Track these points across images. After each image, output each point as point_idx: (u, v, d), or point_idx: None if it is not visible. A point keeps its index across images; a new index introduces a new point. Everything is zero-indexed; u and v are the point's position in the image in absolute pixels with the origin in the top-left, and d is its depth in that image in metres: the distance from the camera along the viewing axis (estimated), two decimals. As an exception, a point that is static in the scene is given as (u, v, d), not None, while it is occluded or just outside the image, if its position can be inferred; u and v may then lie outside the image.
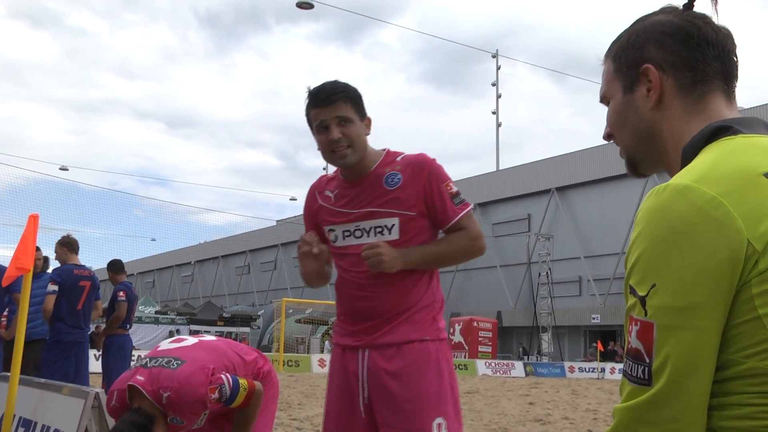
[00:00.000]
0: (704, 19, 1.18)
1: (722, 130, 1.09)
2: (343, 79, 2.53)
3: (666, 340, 0.97)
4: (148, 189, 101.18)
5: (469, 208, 2.54)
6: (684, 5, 1.20)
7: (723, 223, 0.95)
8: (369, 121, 2.56)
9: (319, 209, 2.65)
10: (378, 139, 2.56)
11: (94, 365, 8.48)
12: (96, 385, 5.06)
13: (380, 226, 2.49)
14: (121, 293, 7.92)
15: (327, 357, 25.07)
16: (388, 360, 2.46)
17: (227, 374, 3.33)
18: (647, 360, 0.99)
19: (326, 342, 30.37)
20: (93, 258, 52.46)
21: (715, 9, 1.19)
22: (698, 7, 1.20)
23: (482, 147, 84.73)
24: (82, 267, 7.20)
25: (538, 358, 34.08)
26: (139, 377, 3.24)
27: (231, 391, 3.28)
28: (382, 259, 2.39)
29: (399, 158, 2.55)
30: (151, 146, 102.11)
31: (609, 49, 1.27)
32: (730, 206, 0.95)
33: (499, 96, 44.51)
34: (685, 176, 1.01)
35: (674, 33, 1.17)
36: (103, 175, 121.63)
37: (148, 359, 3.40)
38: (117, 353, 7.80)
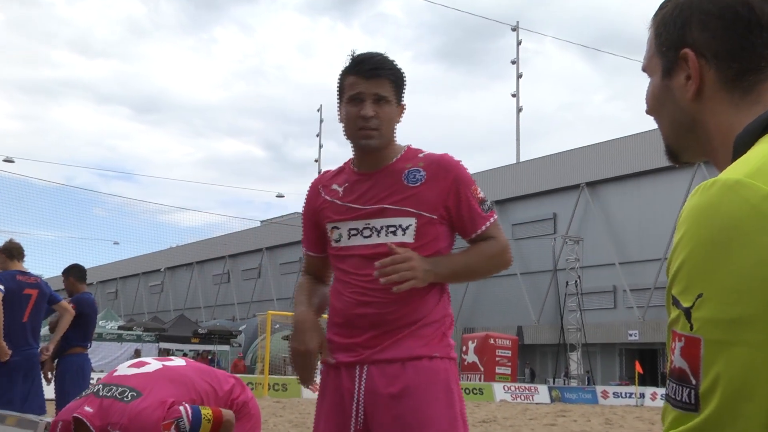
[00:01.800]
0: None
1: None
2: (341, 55, 2.62)
3: (716, 357, 0.95)
4: (110, 184, 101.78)
5: (496, 216, 2.63)
6: None
7: None
8: (403, 108, 2.64)
9: (322, 205, 2.68)
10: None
11: (47, 390, 8.48)
12: (51, 414, 5.06)
13: (393, 225, 2.54)
14: (71, 305, 7.89)
15: (318, 379, 25.09)
16: (390, 379, 2.48)
17: (186, 405, 3.32)
18: (694, 381, 0.98)
19: (318, 362, 30.34)
20: (44, 265, 52.52)
21: None
22: None
23: (501, 135, 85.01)
24: (28, 273, 7.19)
25: (566, 382, 34.10)
26: (87, 408, 3.25)
27: (191, 424, 3.28)
28: (416, 275, 2.42)
29: (421, 155, 2.62)
30: (115, 135, 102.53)
31: (655, 14, 1.27)
32: None
33: (519, 76, 44.59)
34: (736, 170, 1.01)
35: (721, 13, 1.16)
36: (57, 168, 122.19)
37: (100, 386, 3.40)
38: (75, 376, 7.76)
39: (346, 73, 2.59)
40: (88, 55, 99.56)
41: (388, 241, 2.50)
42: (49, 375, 7.65)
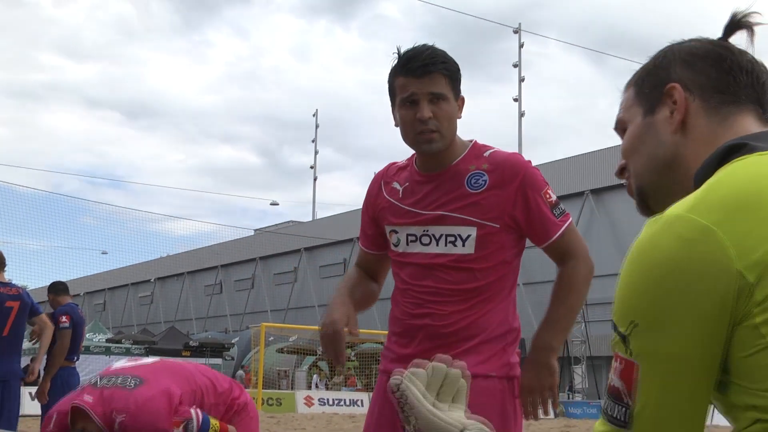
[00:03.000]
0: (739, 49, 1.27)
1: (736, 149, 1.14)
2: (338, 58, 2.55)
3: (649, 384, 1.04)
4: (99, 192, 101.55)
5: (571, 220, 2.55)
6: (720, 37, 1.29)
7: (709, 257, 1.00)
8: (462, 101, 2.56)
9: (382, 204, 2.62)
10: (377, 131, 2.56)
11: (31, 406, 8.46)
12: (30, 431, 5.04)
13: (453, 234, 2.46)
14: (64, 318, 7.88)
15: (314, 393, 25.07)
16: None
17: (198, 409, 3.30)
18: (627, 401, 1.06)
19: (314, 376, 30.33)
20: (30, 275, 52.56)
21: (752, 41, 1.28)
22: (734, 41, 1.29)
23: (503, 140, 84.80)
24: (9, 284, 7.15)
25: (570, 396, 34.04)
26: (86, 397, 3.19)
27: (199, 429, 3.26)
28: (546, 396, 2.40)
29: (487, 153, 2.55)
30: (104, 140, 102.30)
31: (631, 78, 1.36)
32: (723, 234, 1.01)
33: (522, 79, 44.63)
34: (681, 205, 1.08)
35: (705, 55, 1.26)
36: (43, 176, 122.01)
37: (98, 378, 3.36)
38: (61, 391, 7.74)
39: (395, 74, 2.51)
40: (77, 58, 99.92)
41: (447, 251, 2.44)
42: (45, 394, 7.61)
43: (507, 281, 2.53)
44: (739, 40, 1.29)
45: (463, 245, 2.44)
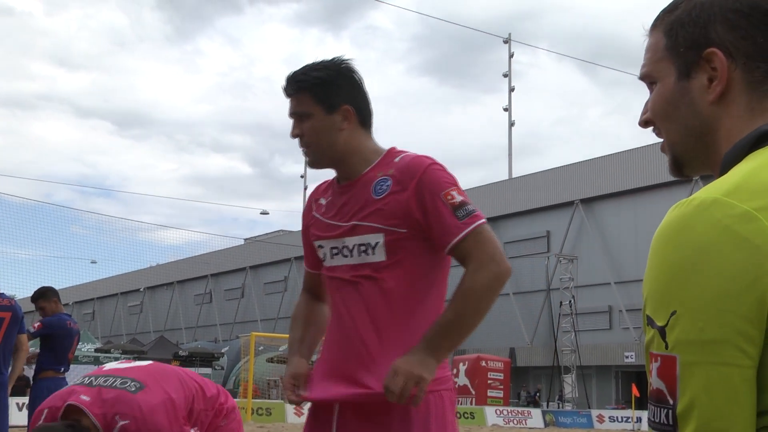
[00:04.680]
0: None
1: None
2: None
3: (691, 377, 0.98)
4: (89, 201, 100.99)
5: (480, 222, 2.37)
6: None
7: (754, 241, 0.96)
8: (347, 112, 2.47)
9: (310, 222, 2.63)
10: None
11: (18, 417, 8.40)
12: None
13: (364, 243, 2.42)
14: (36, 325, 7.80)
15: (305, 403, 24.97)
16: (362, 422, 2.41)
17: (196, 429, 3.27)
18: (671, 401, 1.00)
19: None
20: (18, 284, 52.31)
21: None
22: None
23: (493, 151, 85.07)
24: (1, 295, 7.12)
25: (560, 405, 34.04)
26: (83, 397, 3.06)
27: None
28: (407, 386, 2.26)
29: (397, 159, 2.47)
30: (95, 150, 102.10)
31: (658, 18, 1.25)
32: (766, 221, 0.97)
33: (512, 89, 44.78)
34: (716, 188, 1.03)
35: (750, 12, 1.14)
36: (34, 185, 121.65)
37: (92, 378, 3.25)
38: (47, 401, 7.71)
39: None
40: (69, 68, 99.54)
41: (360, 260, 2.42)
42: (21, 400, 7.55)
43: (431, 291, 2.44)
44: None
45: (374, 253, 2.40)
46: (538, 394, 36.03)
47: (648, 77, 1.26)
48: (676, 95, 1.20)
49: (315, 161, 2.53)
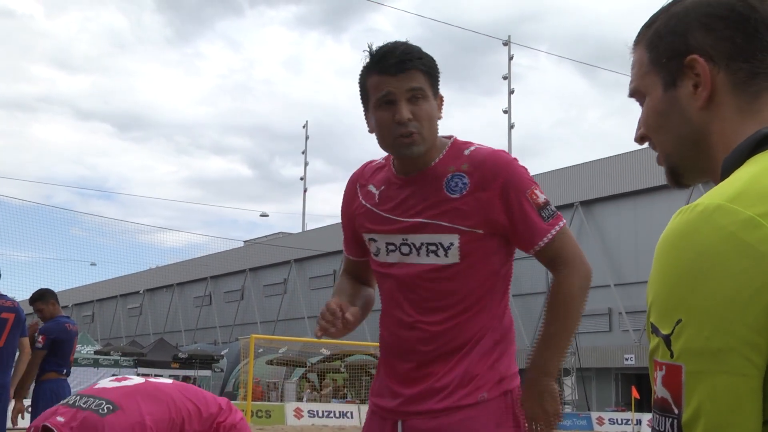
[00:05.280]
0: None
1: None
2: (329, 70, 2.42)
3: (697, 386, 0.96)
4: (89, 204, 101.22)
5: (563, 222, 2.32)
6: None
7: (759, 248, 0.95)
8: (442, 100, 2.36)
9: (357, 210, 2.45)
10: (368, 143, 2.52)
11: (19, 420, 8.37)
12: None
13: (434, 243, 2.28)
14: (41, 338, 7.78)
15: (304, 406, 24.97)
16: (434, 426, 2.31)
17: None
18: (676, 411, 0.98)
19: (304, 387, 30.24)
20: (17, 286, 52.07)
21: None
22: None
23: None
24: (4, 296, 7.11)
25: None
26: (59, 418, 3.20)
27: None
28: (552, 424, 2.30)
29: (467, 152, 2.34)
30: (95, 152, 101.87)
31: (640, 34, 1.26)
32: None
33: (511, 92, 44.73)
34: (719, 194, 1.02)
35: (725, 15, 1.15)
36: (33, 186, 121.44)
37: (77, 397, 3.35)
38: (50, 403, 7.69)
39: (368, 73, 2.30)
40: (69, 70, 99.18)
41: (429, 261, 2.28)
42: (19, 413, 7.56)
43: (497, 289, 2.37)
44: None
45: (446, 254, 2.27)
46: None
47: (636, 93, 1.27)
48: (665, 106, 1.21)
49: (419, 151, 2.28)
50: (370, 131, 2.35)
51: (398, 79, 2.23)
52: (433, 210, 2.29)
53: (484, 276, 2.32)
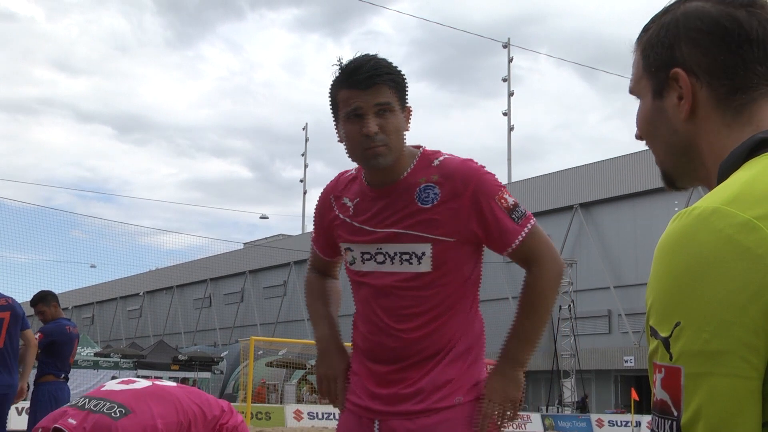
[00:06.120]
0: (750, 7, 1.16)
1: (766, 143, 1.10)
2: (329, 73, 2.41)
3: (696, 388, 0.97)
4: (89, 206, 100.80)
5: (533, 221, 2.39)
6: None
7: (756, 251, 0.96)
8: (409, 111, 2.43)
9: (333, 221, 2.53)
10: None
11: (17, 421, 8.37)
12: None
13: (408, 252, 2.35)
14: (38, 336, 7.76)
15: (304, 408, 24.96)
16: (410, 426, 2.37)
17: None
18: (675, 413, 0.99)
19: (303, 389, 30.24)
20: (18, 288, 52.02)
21: None
22: None
23: (493, 155, 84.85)
24: (0, 295, 7.12)
25: (560, 409, 34.00)
26: (70, 420, 3.17)
27: None
28: (506, 409, 2.36)
29: (437, 162, 2.40)
30: (95, 154, 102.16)
31: (639, 37, 1.28)
32: (767, 230, 0.97)
33: (511, 94, 44.82)
34: (715, 197, 1.03)
35: (710, 29, 1.16)
36: (34, 189, 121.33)
37: (86, 399, 3.33)
38: (49, 406, 7.67)
39: (337, 87, 2.35)
40: (70, 73, 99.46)
41: (402, 269, 2.35)
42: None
43: (468, 295, 2.43)
44: None
45: (419, 263, 2.34)
46: (586, 397, 35.84)
47: (634, 94, 1.30)
48: (654, 114, 1.24)
49: (386, 162, 2.34)
50: (340, 141, 2.42)
51: (367, 93, 2.30)
52: (406, 221, 2.36)
53: (457, 283, 2.39)
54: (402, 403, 2.36)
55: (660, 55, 1.21)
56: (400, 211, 2.37)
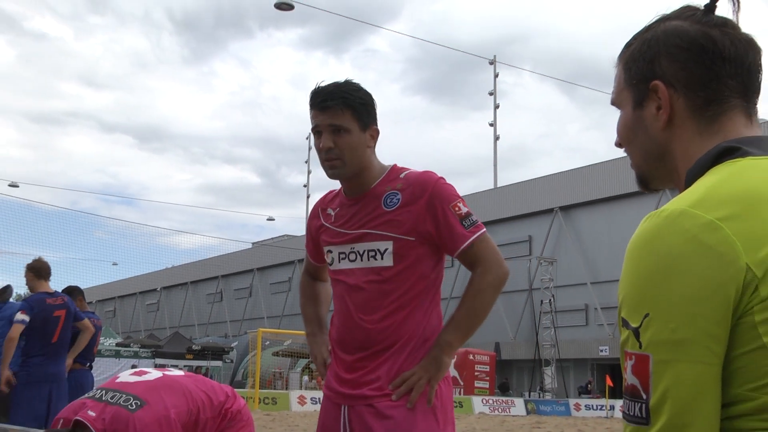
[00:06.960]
0: (723, 27, 1.18)
1: (730, 152, 1.11)
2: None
3: (663, 373, 0.99)
4: (111, 209, 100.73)
5: (483, 230, 2.47)
6: (705, 6, 1.20)
7: (718, 249, 0.98)
8: (375, 132, 2.53)
9: (320, 230, 2.66)
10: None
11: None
12: None
13: (373, 249, 2.47)
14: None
15: (307, 393, 24.93)
16: (374, 412, 2.43)
17: None
18: (644, 396, 1.01)
19: (306, 377, 30.21)
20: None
21: (736, 14, 1.19)
22: (720, 10, 1.20)
23: (482, 163, 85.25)
24: (55, 294, 7.09)
25: (541, 395, 34.00)
26: (89, 412, 3.13)
27: None
28: (418, 383, 2.38)
29: (402, 175, 2.52)
30: (117, 162, 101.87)
31: (621, 52, 1.29)
32: (728, 230, 0.98)
33: (497, 106, 44.76)
34: (682, 200, 1.05)
35: (688, 46, 1.18)
36: (62, 193, 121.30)
37: (103, 391, 3.28)
38: (74, 392, 7.66)
39: (309, 107, 2.52)
40: (95, 87, 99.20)
41: (369, 264, 2.47)
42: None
43: (428, 291, 2.50)
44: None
45: (382, 258, 2.44)
46: (506, 381, 36.02)
47: (615, 105, 1.30)
48: (634, 123, 1.24)
49: (341, 173, 2.50)
50: None
51: (323, 114, 2.46)
52: (373, 222, 2.48)
53: (416, 278, 2.46)
54: (361, 388, 2.44)
55: (641, 69, 1.22)
56: (368, 215, 2.50)
